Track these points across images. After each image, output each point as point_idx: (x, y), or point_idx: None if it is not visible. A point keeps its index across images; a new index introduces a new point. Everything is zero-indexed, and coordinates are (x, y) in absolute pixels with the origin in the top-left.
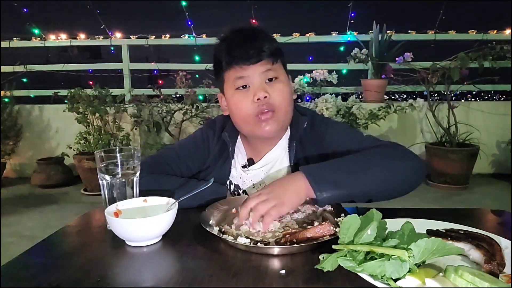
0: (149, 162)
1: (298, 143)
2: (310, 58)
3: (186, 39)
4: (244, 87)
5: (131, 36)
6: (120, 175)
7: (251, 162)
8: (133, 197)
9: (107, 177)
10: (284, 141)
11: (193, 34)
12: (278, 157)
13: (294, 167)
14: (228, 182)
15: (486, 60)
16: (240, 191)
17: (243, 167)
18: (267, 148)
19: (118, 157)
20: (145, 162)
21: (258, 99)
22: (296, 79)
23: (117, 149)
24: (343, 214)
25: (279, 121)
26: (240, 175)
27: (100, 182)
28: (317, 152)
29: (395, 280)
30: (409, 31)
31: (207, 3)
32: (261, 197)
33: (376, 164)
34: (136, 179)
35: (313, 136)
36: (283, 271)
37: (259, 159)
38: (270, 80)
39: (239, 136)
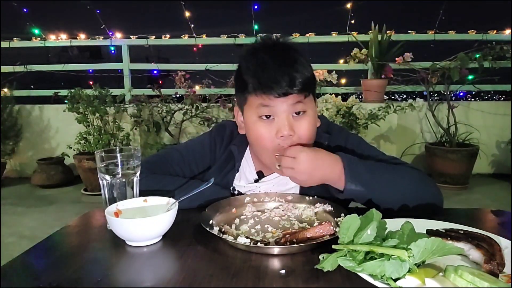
0: (151, 162)
1: None
2: (310, 58)
3: (186, 39)
4: (268, 116)
5: (131, 36)
6: (120, 175)
7: (260, 174)
8: (133, 197)
9: (107, 177)
10: None
11: (193, 34)
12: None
13: (304, 188)
14: (231, 188)
15: (486, 60)
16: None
17: (255, 181)
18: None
19: (118, 157)
20: (147, 161)
21: (281, 136)
22: None
23: (117, 149)
24: (343, 214)
25: None
26: (249, 188)
27: (100, 182)
28: None
29: (395, 280)
30: (409, 31)
31: (207, 3)
32: (290, 164)
33: (403, 178)
34: (136, 179)
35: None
36: (283, 271)
37: (270, 172)
38: (298, 113)
39: (248, 149)
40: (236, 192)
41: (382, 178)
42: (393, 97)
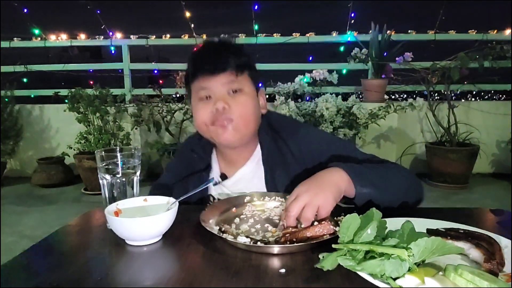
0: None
1: (277, 152)
2: (310, 58)
3: (187, 39)
4: (208, 98)
5: (131, 36)
6: (120, 175)
7: (224, 177)
8: (133, 196)
9: (108, 177)
10: (258, 154)
11: (194, 34)
12: (251, 173)
13: (270, 182)
14: (211, 198)
15: (486, 60)
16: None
17: (215, 184)
18: (240, 162)
19: (119, 157)
20: (151, 192)
21: (216, 109)
22: (297, 79)
23: (118, 149)
24: (343, 214)
25: (238, 129)
26: (218, 191)
27: (101, 181)
28: (307, 156)
29: (395, 279)
30: (409, 31)
31: (207, 3)
32: (301, 201)
33: (398, 177)
34: (136, 178)
35: (296, 139)
36: (283, 270)
37: (232, 174)
38: (234, 92)
39: (214, 151)
40: (212, 200)
41: (382, 178)
42: (393, 97)
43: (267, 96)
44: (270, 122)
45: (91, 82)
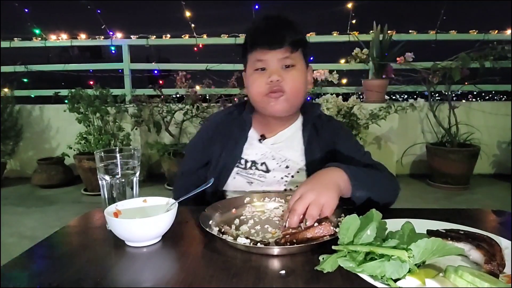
0: (178, 178)
1: (313, 128)
2: (311, 58)
3: (187, 39)
4: (263, 69)
5: (131, 36)
6: (120, 175)
7: (263, 138)
8: (133, 197)
9: (107, 177)
10: (298, 124)
11: (194, 34)
12: (291, 136)
13: (307, 149)
14: (243, 162)
15: (487, 60)
16: (258, 165)
17: (259, 140)
18: (280, 127)
19: (118, 157)
20: (176, 180)
21: (271, 81)
22: None
23: (117, 149)
24: (343, 214)
25: (288, 100)
26: (255, 151)
27: (100, 182)
28: (330, 145)
29: (395, 281)
30: (410, 31)
31: (207, 3)
32: (307, 199)
33: (384, 180)
34: (135, 179)
35: (329, 127)
36: (283, 272)
37: (271, 135)
38: (287, 67)
39: (253, 116)
40: (249, 164)
41: (374, 181)
42: (394, 97)
43: None
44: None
45: (91, 82)
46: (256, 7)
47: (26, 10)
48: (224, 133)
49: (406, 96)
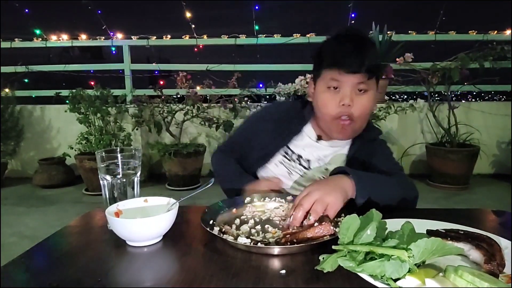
0: (229, 143)
1: (361, 145)
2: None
3: (187, 40)
4: (335, 88)
5: (132, 37)
6: (121, 175)
7: (319, 138)
8: (134, 197)
9: (108, 177)
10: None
11: (194, 34)
12: (342, 145)
13: (349, 161)
14: (290, 152)
15: (486, 61)
16: (302, 160)
17: (316, 140)
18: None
19: (119, 157)
20: (227, 143)
21: (343, 104)
22: (297, 80)
23: (118, 149)
24: (343, 214)
25: (354, 129)
26: (307, 148)
27: (101, 182)
28: (367, 161)
29: (395, 280)
30: (409, 31)
31: (208, 3)
32: (313, 196)
33: (396, 188)
34: (136, 179)
35: (373, 145)
36: (283, 271)
37: (327, 139)
38: (360, 91)
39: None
40: (295, 156)
41: (381, 188)
42: (393, 98)
43: (267, 97)
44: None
45: (92, 83)
46: (256, 7)
47: (27, 10)
48: (279, 126)
49: (405, 96)
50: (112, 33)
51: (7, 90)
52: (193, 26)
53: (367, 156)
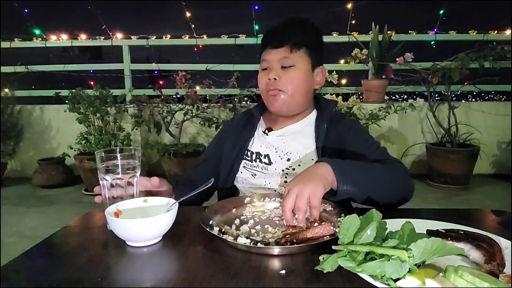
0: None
1: (328, 124)
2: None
3: (187, 40)
4: (266, 69)
5: (132, 37)
6: (120, 175)
7: (269, 130)
8: (133, 197)
9: (108, 177)
10: (309, 119)
11: (194, 34)
12: (298, 131)
13: (319, 145)
14: (249, 154)
15: (486, 61)
16: (261, 157)
17: (263, 132)
18: (288, 122)
19: (118, 157)
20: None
21: (268, 79)
22: None
23: (118, 149)
24: (343, 214)
25: (285, 101)
26: (260, 143)
27: (101, 182)
28: (339, 143)
29: (395, 280)
30: (409, 31)
31: (207, 3)
32: (293, 194)
33: (387, 176)
34: (136, 179)
35: (341, 124)
36: (283, 271)
37: (278, 128)
38: (287, 67)
39: (265, 112)
40: (254, 156)
41: (367, 176)
42: (393, 98)
43: None
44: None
45: (92, 83)
46: (256, 7)
47: (26, 10)
48: (237, 132)
49: (405, 96)
50: (111, 33)
51: (6, 90)
52: (193, 26)
53: (340, 142)
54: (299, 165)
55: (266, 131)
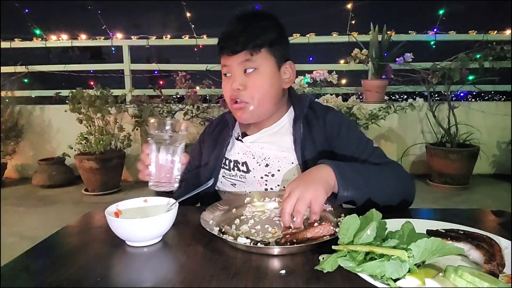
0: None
1: (305, 122)
2: (311, 59)
3: (187, 40)
4: (227, 75)
5: (132, 37)
6: (168, 142)
7: (244, 135)
8: (178, 163)
9: (155, 145)
10: (284, 121)
11: (194, 34)
12: (277, 133)
13: (299, 145)
14: (227, 162)
15: (486, 61)
16: (239, 165)
17: (237, 139)
18: (264, 125)
19: (168, 127)
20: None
21: (233, 89)
22: (296, 80)
23: (168, 120)
24: (343, 214)
25: (252, 112)
26: (237, 150)
27: (150, 147)
28: (328, 140)
29: (395, 280)
30: (409, 31)
31: (208, 3)
32: (294, 197)
33: (389, 181)
34: (181, 146)
35: (327, 119)
36: (283, 271)
37: (252, 133)
38: (250, 70)
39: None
40: (232, 164)
41: (368, 181)
42: (393, 98)
43: None
44: (310, 100)
45: (92, 83)
46: (256, 7)
47: (27, 10)
48: (214, 137)
49: (405, 96)
50: (112, 33)
51: (7, 90)
52: (193, 26)
53: (328, 139)
54: (278, 170)
55: (240, 137)
